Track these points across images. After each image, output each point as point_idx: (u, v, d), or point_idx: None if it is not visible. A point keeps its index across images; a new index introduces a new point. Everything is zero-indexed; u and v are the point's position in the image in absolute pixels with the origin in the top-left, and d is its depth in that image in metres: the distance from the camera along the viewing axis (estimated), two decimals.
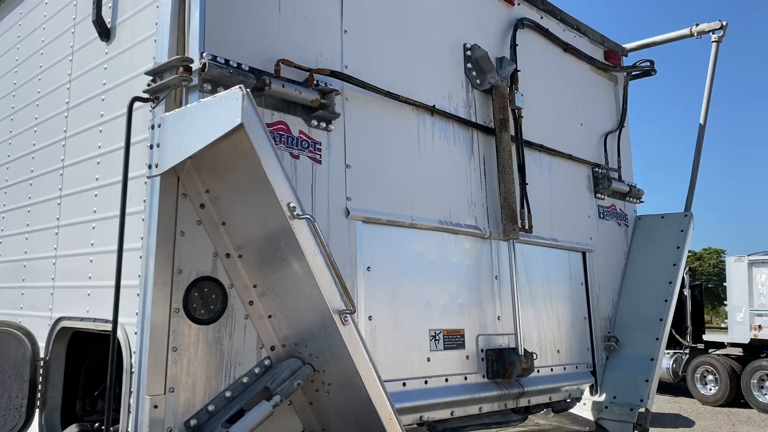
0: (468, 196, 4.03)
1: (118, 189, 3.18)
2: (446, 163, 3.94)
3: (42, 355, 3.53)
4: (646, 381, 4.73)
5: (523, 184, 4.32)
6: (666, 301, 5.03)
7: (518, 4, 4.66)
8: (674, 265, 5.13)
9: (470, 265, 3.98)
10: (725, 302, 18.49)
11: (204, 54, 2.76)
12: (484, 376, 3.92)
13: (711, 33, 5.48)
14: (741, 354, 18.00)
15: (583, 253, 4.94)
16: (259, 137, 2.50)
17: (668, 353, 17.59)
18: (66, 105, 3.78)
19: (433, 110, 3.87)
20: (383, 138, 3.59)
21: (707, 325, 23.47)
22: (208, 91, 2.77)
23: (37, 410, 3.50)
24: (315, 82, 3.20)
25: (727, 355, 18.06)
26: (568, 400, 4.61)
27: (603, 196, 5.23)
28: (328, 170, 3.26)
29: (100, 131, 3.41)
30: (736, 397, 17.28)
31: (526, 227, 4.27)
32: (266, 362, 3.06)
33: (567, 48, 5.04)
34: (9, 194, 4.36)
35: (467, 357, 3.85)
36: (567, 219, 4.80)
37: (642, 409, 4.52)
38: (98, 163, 3.40)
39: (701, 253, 62.14)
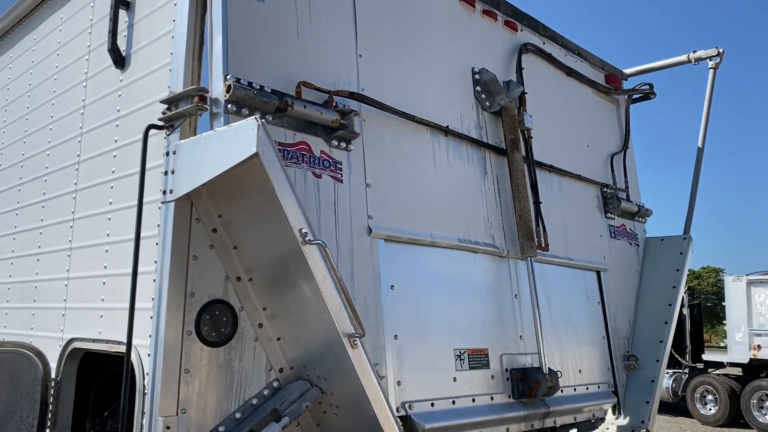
0: (484, 214, 4.09)
1: (132, 213, 3.27)
2: (462, 183, 4.01)
3: (53, 375, 3.59)
4: (647, 402, 4.78)
5: (537, 202, 4.39)
6: (666, 323, 5.09)
7: (521, 30, 4.78)
8: (674, 287, 5.21)
9: (490, 283, 4.02)
10: (724, 321, 18.52)
11: (228, 76, 2.85)
12: (509, 396, 3.92)
13: (708, 60, 5.60)
14: (740, 374, 17.98)
15: (598, 273, 5.00)
16: (272, 165, 2.58)
17: (668, 373, 17.59)
18: (80, 130, 3.87)
19: (446, 131, 3.95)
20: (400, 158, 3.66)
21: (706, 344, 23.47)
22: (233, 113, 2.85)
23: (48, 430, 3.55)
24: (334, 104, 3.28)
25: (726, 375, 18.03)
26: (593, 421, 4.61)
27: (613, 216, 5.30)
28: (350, 189, 3.31)
29: (114, 156, 3.50)
30: (736, 417, 17.22)
31: (543, 245, 4.31)
32: (275, 384, 3.11)
33: (569, 72, 5.16)
34: (21, 216, 4.44)
35: (492, 377, 3.86)
36: (580, 238, 4.86)
37: (643, 431, 4.56)
38: (112, 187, 3.47)
39: (700, 272, 62.14)
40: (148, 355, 2.90)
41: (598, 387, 4.69)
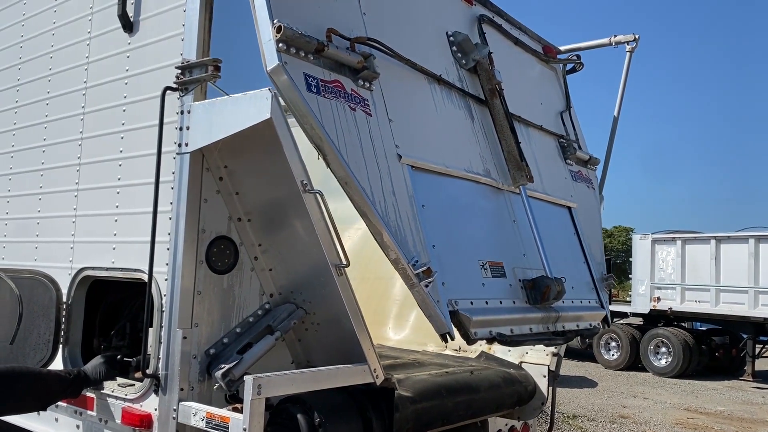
0: (479, 152, 4.61)
1: (141, 161, 3.82)
2: (457, 124, 4.50)
3: (65, 299, 4.12)
4: None
5: (518, 142, 4.89)
6: None
7: (475, 5, 5.37)
8: None
9: (493, 210, 4.53)
10: (631, 276, 20.18)
11: (275, 20, 3.22)
12: (527, 302, 4.46)
13: (626, 44, 6.44)
14: (641, 323, 19.74)
15: (569, 209, 5.62)
16: (282, 128, 3.18)
17: None
18: (84, 84, 4.30)
19: (439, 79, 4.46)
20: (409, 100, 4.11)
21: (614, 298, 25.34)
22: (284, 51, 3.21)
23: (61, 346, 4.10)
24: (356, 49, 3.69)
25: (629, 324, 19.73)
26: (590, 328, 5.22)
27: (572, 163, 5.93)
28: (378, 122, 3.71)
29: (124, 111, 3.98)
30: (635, 362, 18.97)
31: (529, 177, 4.83)
32: (266, 306, 3.79)
33: (517, 42, 5.73)
34: (16, 158, 4.83)
35: (510, 285, 4.38)
36: (552, 179, 5.45)
37: (555, 356, 5.45)
38: (122, 138, 3.97)
39: (612, 231, 65.69)
40: (165, 280, 3.50)
41: (589, 302, 5.36)
